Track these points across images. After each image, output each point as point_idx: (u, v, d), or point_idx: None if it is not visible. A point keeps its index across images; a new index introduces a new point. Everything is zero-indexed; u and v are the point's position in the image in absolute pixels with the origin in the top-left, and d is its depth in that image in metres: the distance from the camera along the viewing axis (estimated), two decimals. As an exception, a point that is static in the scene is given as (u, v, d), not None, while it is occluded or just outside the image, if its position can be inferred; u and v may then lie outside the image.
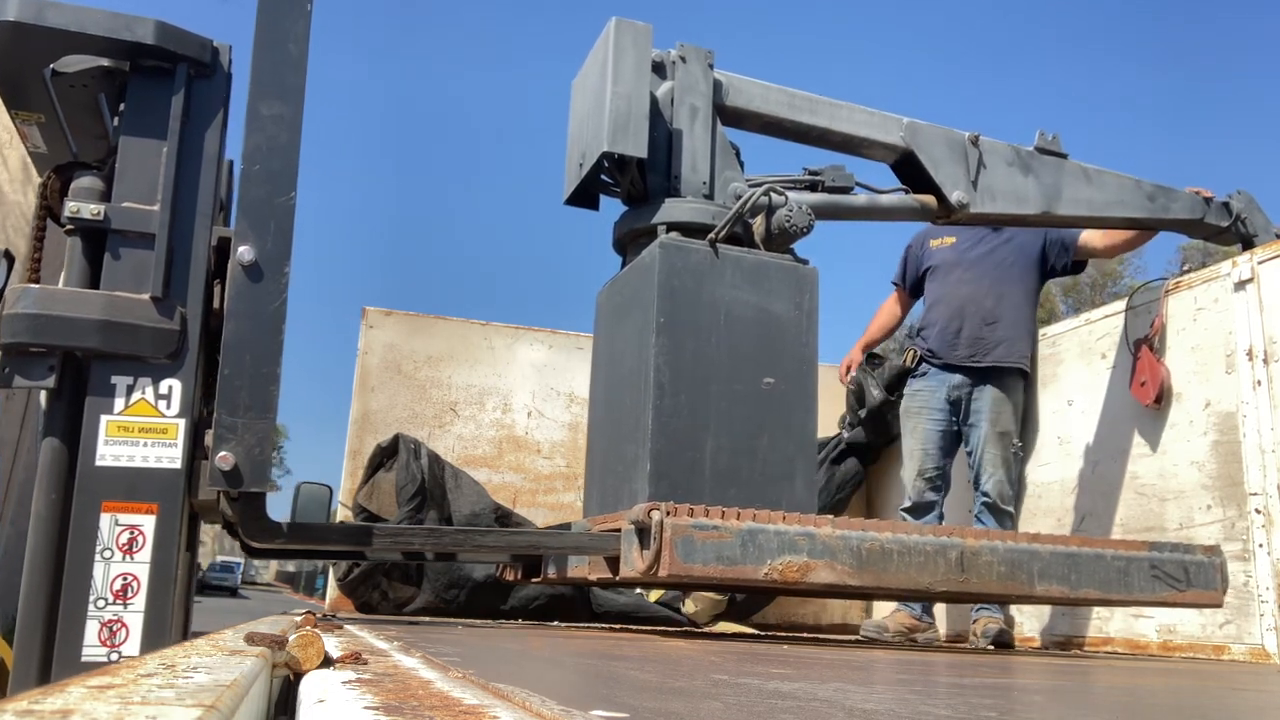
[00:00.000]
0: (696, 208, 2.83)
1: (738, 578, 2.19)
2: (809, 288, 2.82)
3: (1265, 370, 3.15)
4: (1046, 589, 2.51)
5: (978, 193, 3.20)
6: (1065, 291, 27.23)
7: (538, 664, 1.44)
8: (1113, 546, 2.68)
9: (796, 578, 2.21)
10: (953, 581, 2.39)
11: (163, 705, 0.61)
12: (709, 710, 0.89)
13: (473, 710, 0.73)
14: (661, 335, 2.62)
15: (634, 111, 2.73)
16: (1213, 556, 2.77)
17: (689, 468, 2.58)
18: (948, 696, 1.24)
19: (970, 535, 2.48)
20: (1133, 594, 2.65)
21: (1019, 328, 3.97)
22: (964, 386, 3.97)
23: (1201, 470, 3.32)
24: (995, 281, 4.01)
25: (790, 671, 1.49)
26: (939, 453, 4.02)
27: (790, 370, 2.76)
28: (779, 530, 2.23)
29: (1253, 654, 3.04)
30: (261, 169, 2.08)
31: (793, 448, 2.72)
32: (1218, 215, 3.71)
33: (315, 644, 1.05)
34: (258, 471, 2.03)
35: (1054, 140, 3.40)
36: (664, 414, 2.58)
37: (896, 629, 3.92)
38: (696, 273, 2.69)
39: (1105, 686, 1.72)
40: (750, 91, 3.06)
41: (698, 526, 2.14)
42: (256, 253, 2.05)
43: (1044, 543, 2.57)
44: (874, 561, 2.30)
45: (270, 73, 2.11)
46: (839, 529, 2.30)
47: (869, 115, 3.18)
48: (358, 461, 4.33)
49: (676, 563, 2.10)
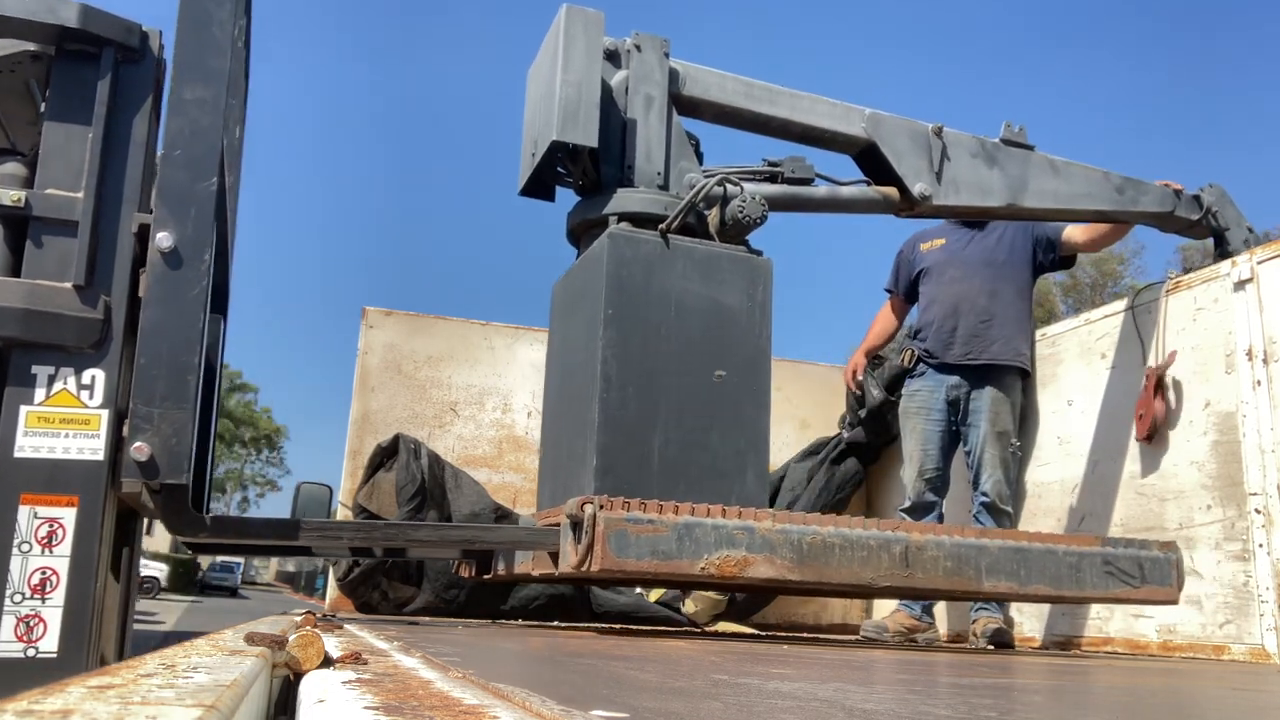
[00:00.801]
0: (648, 198, 2.78)
1: (673, 573, 2.16)
2: (762, 279, 2.78)
3: (1265, 370, 3.15)
4: (994, 585, 2.48)
5: (941, 185, 3.17)
6: (1065, 291, 27.22)
7: (538, 664, 1.44)
8: (1064, 542, 2.66)
9: (734, 572, 2.19)
10: (897, 577, 2.36)
11: (163, 705, 0.61)
12: (709, 710, 0.89)
13: (473, 710, 0.73)
14: (609, 327, 2.58)
15: (584, 100, 2.69)
16: (1169, 553, 2.75)
17: (636, 462, 2.54)
18: (948, 696, 1.24)
19: (916, 530, 2.46)
20: (1085, 590, 2.62)
21: (1015, 325, 3.97)
22: (962, 387, 3.97)
23: (1201, 470, 3.32)
24: (988, 279, 4.01)
25: (790, 671, 1.49)
26: (938, 453, 4.01)
27: (743, 363, 2.71)
28: (717, 524, 2.21)
29: (1253, 654, 3.04)
30: (183, 154, 2.03)
31: (744, 441, 2.67)
32: (1188, 208, 3.69)
33: (315, 644, 1.05)
34: (174, 463, 1.95)
35: (1020, 132, 3.36)
36: (611, 407, 2.54)
37: (896, 629, 3.91)
38: (646, 264, 2.65)
39: (1105, 686, 1.72)
40: (707, 81, 3.02)
41: (632, 520, 2.12)
42: (176, 239, 1.99)
43: (993, 538, 2.55)
44: (816, 556, 2.28)
45: (193, 56, 2.06)
46: (779, 523, 2.27)
47: (830, 106, 3.13)
48: (358, 461, 4.33)
49: (609, 557, 2.07)
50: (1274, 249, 3.26)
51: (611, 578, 2.30)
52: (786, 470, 4.81)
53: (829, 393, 5.09)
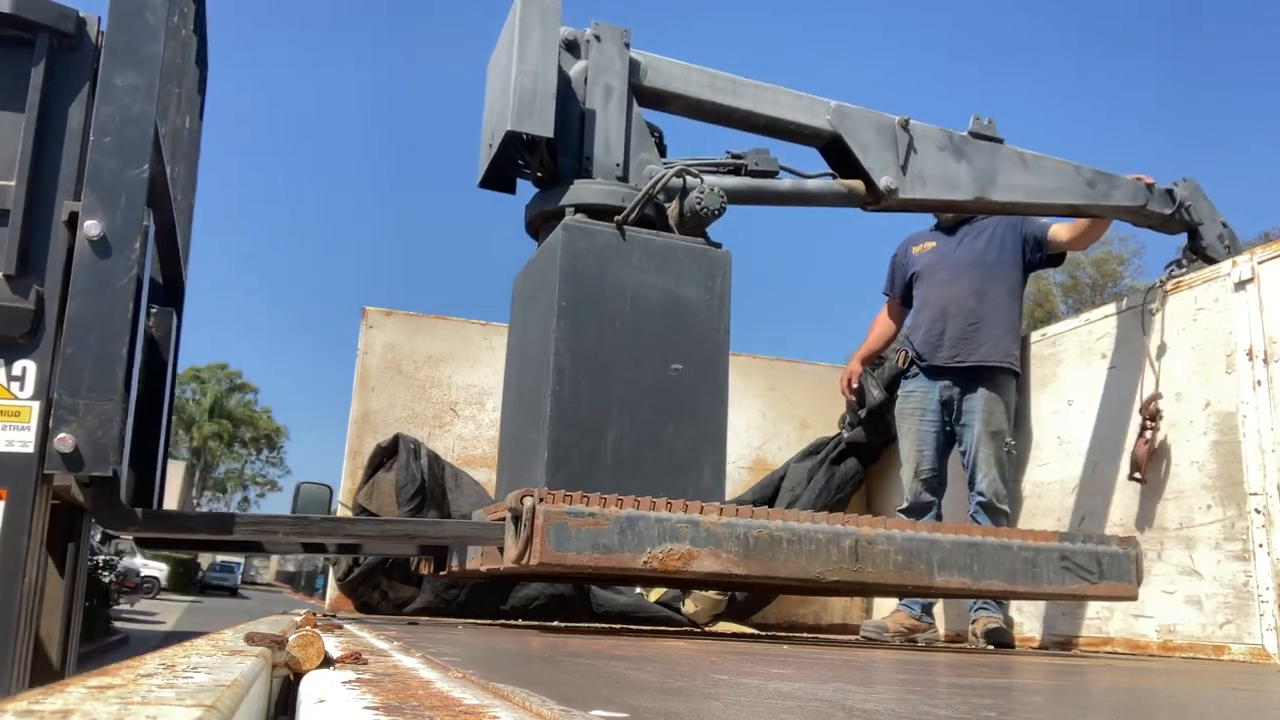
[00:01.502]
0: (605, 189, 2.75)
1: (615, 566, 2.14)
2: (721, 271, 2.74)
3: (1265, 370, 3.14)
4: (946, 580, 2.46)
5: (907, 178, 3.13)
6: (1065, 292, 27.23)
7: (538, 664, 1.44)
8: (1020, 537, 2.63)
9: (678, 566, 2.17)
10: (846, 571, 2.34)
11: (163, 705, 0.61)
12: (709, 710, 0.89)
13: (473, 710, 0.73)
14: (563, 320, 2.55)
15: (540, 90, 2.65)
16: (1128, 548, 2.73)
17: (589, 456, 2.51)
18: (948, 696, 1.24)
19: (866, 524, 2.43)
20: (1041, 586, 2.59)
21: (1003, 326, 3.97)
22: (954, 388, 3.98)
23: (1201, 470, 3.31)
24: (976, 281, 4.01)
25: (790, 671, 1.49)
26: (934, 454, 4.02)
27: (700, 356, 2.68)
28: (660, 518, 2.18)
29: (1253, 654, 3.04)
30: (112, 141, 1.99)
31: (701, 435, 2.64)
32: (1160, 203, 3.67)
33: (315, 644, 1.05)
34: (100, 454, 1.91)
35: (989, 125, 3.32)
36: (563, 401, 2.51)
37: (896, 629, 3.92)
38: (601, 255, 2.62)
39: (1105, 686, 1.72)
40: (670, 72, 2.98)
41: (572, 513, 2.09)
42: (105, 227, 1.95)
43: (946, 532, 2.52)
44: (762, 550, 2.26)
45: (124, 42, 2.02)
46: (725, 516, 2.25)
47: (795, 98, 3.09)
48: (358, 461, 4.33)
49: (548, 550, 2.05)
50: (1274, 249, 3.26)
51: (551, 572, 2.29)
52: (786, 470, 4.81)
53: (829, 393, 5.08)
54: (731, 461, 4.92)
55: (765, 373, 5.15)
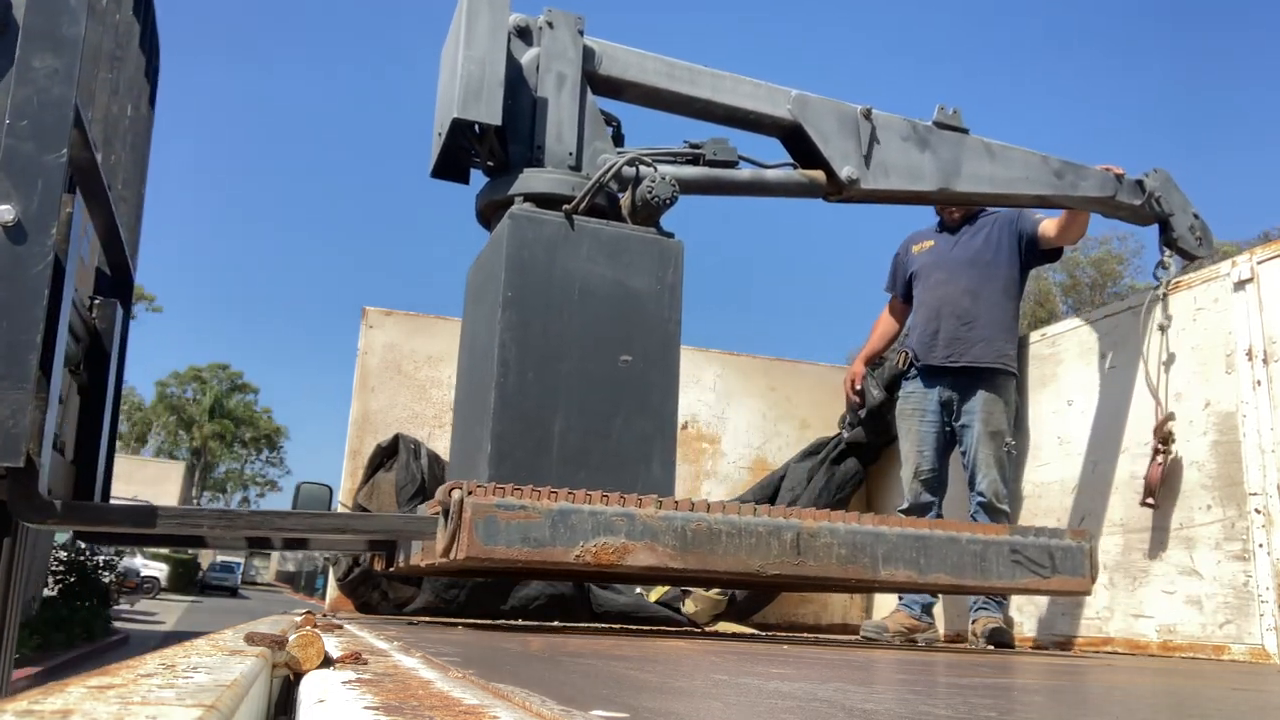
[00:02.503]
0: (555, 178, 2.70)
1: (546, 560, 2.10)
2: (673, 261, 2.70)
3: (1265, 370, 3.14)
4: (892, 573, 2.43)
5: (869, 168, 3.09)
6: (1065, 291, 27.24)
7: (538, 664, 1.44)
8: (969, 530, 2.59)
9: (612, 560, 2.14)
10: (787, 565, 2.31)
11: (163, 705, 0.61)
12: (709, 710, 0.90)
13: (473, 710, 0.73)
14: (508, 310, 2.50)
15: (488, 77, 2.59)
16: (1081, 542, 2.70)
17: (534, 449, 2.46)
18: (948, 696, 1.24)
19: (809, 517, 2.39)
20: (989, 580, 2.56)
21: (997, 326, 3.96)
22: (954, 388, 3.98)
23: (1201, 470, 3.31)
24: (971, 280, 4.01)
25: (790, 671, 1.49)
26: (934, 454, 4.02)
27: (651, 348, 2.63)
28: (594, 511, 2.15)
29: (1253, 654, 3.04)
30: (30, 125, 1.93)
31: (651, 428, 2.60)
32: (1130, 193, 3.64)
33: (315, 644, 1.05)
34: (11, 445, 1.86)
35: (954, 115, 3.28)
36: (508, 392, 2.46)
37: (896, 629, 3.92)
38: (549, 245, 2.57)
39: (1105, 686, 1.71)
40: (625, 60, 2.94)
41: (502, 506, 2.06)
42: (19, 213, 1.91)
43: (891, 525, 2.49)
44: (700, 543, 2.23)
45: (43, 24, 1.97)
46: (662, 509, 2.22)
47: (754, 87, 3.05)
48: (358, 461, 4.33)
49: (476, 544, 2.02)
50: (1274, 249, 3.26)
51: (479, 566, 2.26)
52: (786, 470, 4.81)
53: (829, 393, 5.09)
54: (731, 461, 4.95)
55: (765, 373, 5.15)
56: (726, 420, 5.00)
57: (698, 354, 5.05)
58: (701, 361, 5.03)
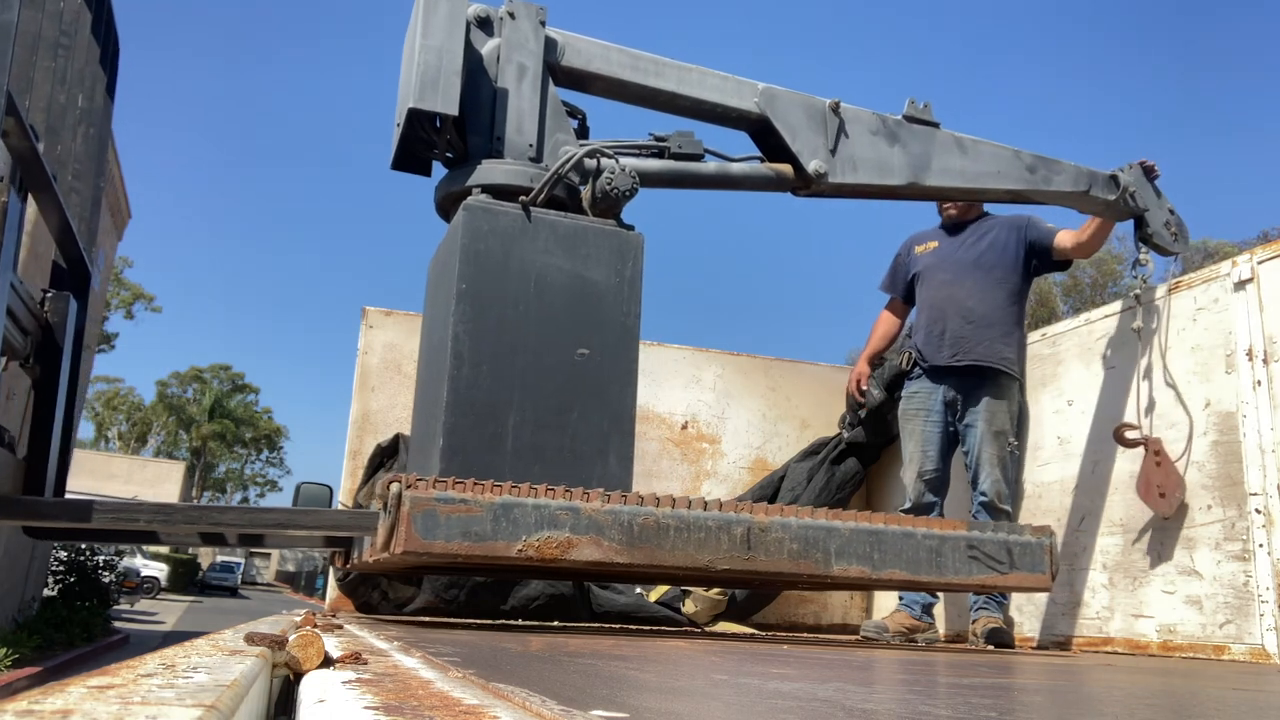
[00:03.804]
0: (513, 169, 2.67)
1: (487, 555, 2.07)
2: (632, 254, 2.67)
3: (1265, 370, 3.14)
4: (844, 569, 2.39)
5: (837, 162, 3.06)
6: (1065, 291, 27.24)
7: (538, 664, 1.44)
8: (925, 525, 2.56)
9: (556, 555, 2.10)
10: (737, 560, 2.28)
11: (163, 705, 0.61)
12: (709, 710, 0.90)
13: (473, 710, 0.73)
14: (462, 303, 2.47)
15: (445, 66, 2.55)
16: (1041, 538, 2.66)
17: (488, 443, 2.42)
18: (948, 696, 1.24)
19: (761, 511, 2.36)
20: (945, 576, 2.53)
21: (1000, 329, 3.97)
22: (958, 388, 3.98)
23: (1201, 470, 3.31)
24: (976, 282, 4.01)
25: (790, 671, 1.48)
26: (937, 454, 4.02)
27: (608, 341, 2.60)
28: (538, 504, 2.11)
29: (1253, 654, 3.04)
30: None
31: (607, 423, 2.56)
32: (1104, 188, 3.62)
33: (315, 644, 1.05)
34: None
35: (925, 109, 3.26)
36: (461, 386, 2.42)
37: (896, 629, 3.92)
38: (505, 237, 2.54)
39: (1105, 686, 1.71)
40: (589, 52, 2.91)
41: (442, 500, 2.03)
42: None
43: (845, 519, 2.45)
44: (647, 538, 2.20)
45: None
46: (609, 503, 2.19)
47: (721, 80, 3.03)
48: (358, 461, 4.33)
49: (414, 538, 1.99)
50: (1274, 249, 3.26)
51: (419, 561, 2.22)
52: (786, 470, 4.81)
53: (829, 393, 5.09)
54: (731, 461, 4.95)
55: (765, 373, 5.15)
56: (726, 420, 5.00)
57: (698, 354, 5.05)
58: (701, 361, 5.03)
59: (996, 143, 3.40)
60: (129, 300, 40.30)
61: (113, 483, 34.33)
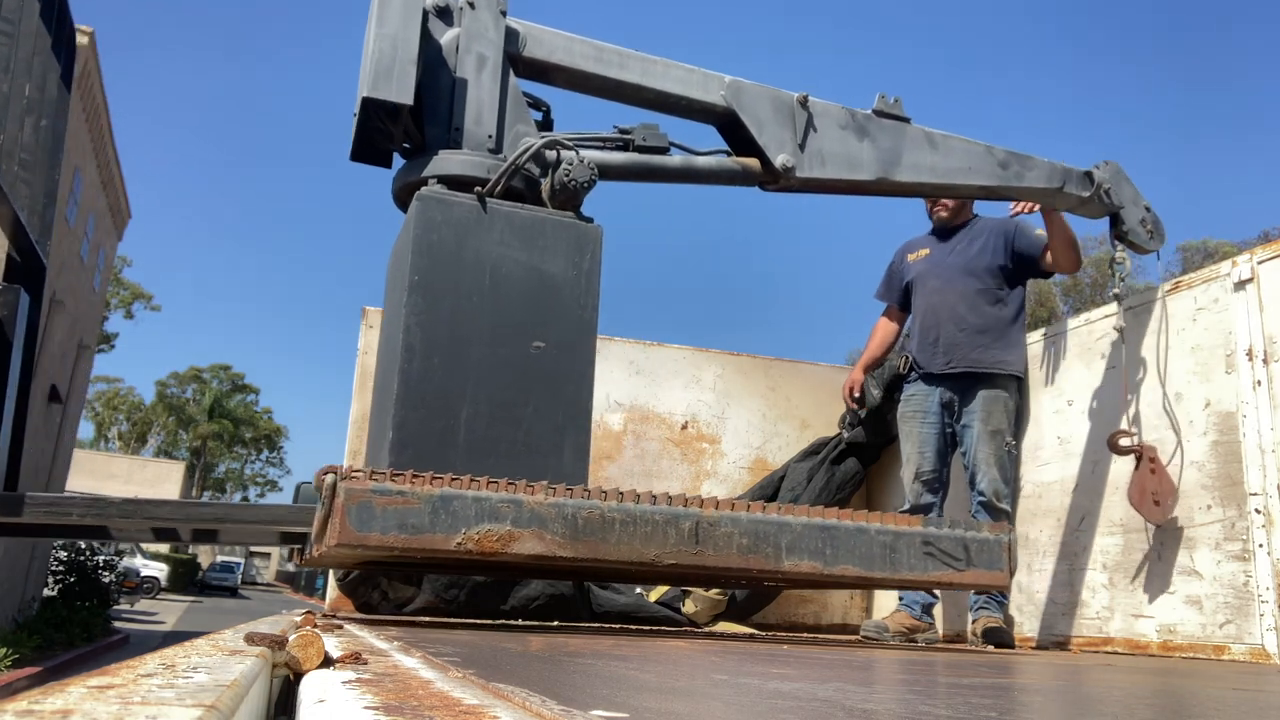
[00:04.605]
0: (470, 160, 2.63)
1: (424, 548, 2.03)
2: (590, 247, 2.63)
3: (1265, 370, 3.14)
4: (796, 564, 2.35)
5: (805, 156, 3.03)
6: (1065, 291, 27.25)
7: (538, 664, 1.44)
8: (879, 520, 2.52)
9: (496, 548, 2.07)
10: (685, 554, 2.24)
11: (163, 705, 0.61)
12: (709, 710, 0.90)
13: (473, 710, 0.73)
14: (414, 294, 2.43)
15: (400, 55, 2.51)
16: (1000, 535, 2.64)
17: (439, 437, 2.39)
18: (948, 696, 1.24)
19: (711, 506, 2.32)
20: (900, 573, 2.49)
21: (995, 333, 3.97)
22: (954, 390, 3.99)
23: (1201, 470, 3.31)
24: (968, 288, 4.02)
25: (790, 671, 1.48)
26: (935, 455, 4.03)
27: (565, 334, 2.57)
28: (479, 497, 2.07)
29: (1253, 654, 3.04)
30: None
31: (563, 417, 2.52)
32: (1079, 185, 3.59)
33: (315, 644, 1.05)
34: None
35: (895, 104, 3.23)
36: (412, 379, 2.39)
37: (896, 629, 3.92)
38: (459, 227, 2.51)
39: (1105, 686, 1.71)
40: (551, 43, 2.87)
41: (378, 491, 1.99)
42: None
43: (798, 514, 2.42)
44: (592, 531, 2.15)
45: None
46: (553, 496, 2.15)
47: (687, 72, 3.00)
48: (358, 461, 4.32)
49: (348, 531, 1.95)
50: (1274, 249, 3.26)
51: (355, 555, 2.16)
52: (787, 470, 4.81)
53: (829, 393, 5.09)
54: (731, 461, 4.95)
55: (765, 373, 5.15)
56: (726, 420, 5.00)
57: (698, 354, 5.05)
58: (701, 361, 5.03)
59: (968, 138, 3.38)
60: (129, 300, 40.32)
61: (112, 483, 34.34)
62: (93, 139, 15.86)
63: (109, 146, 17.06)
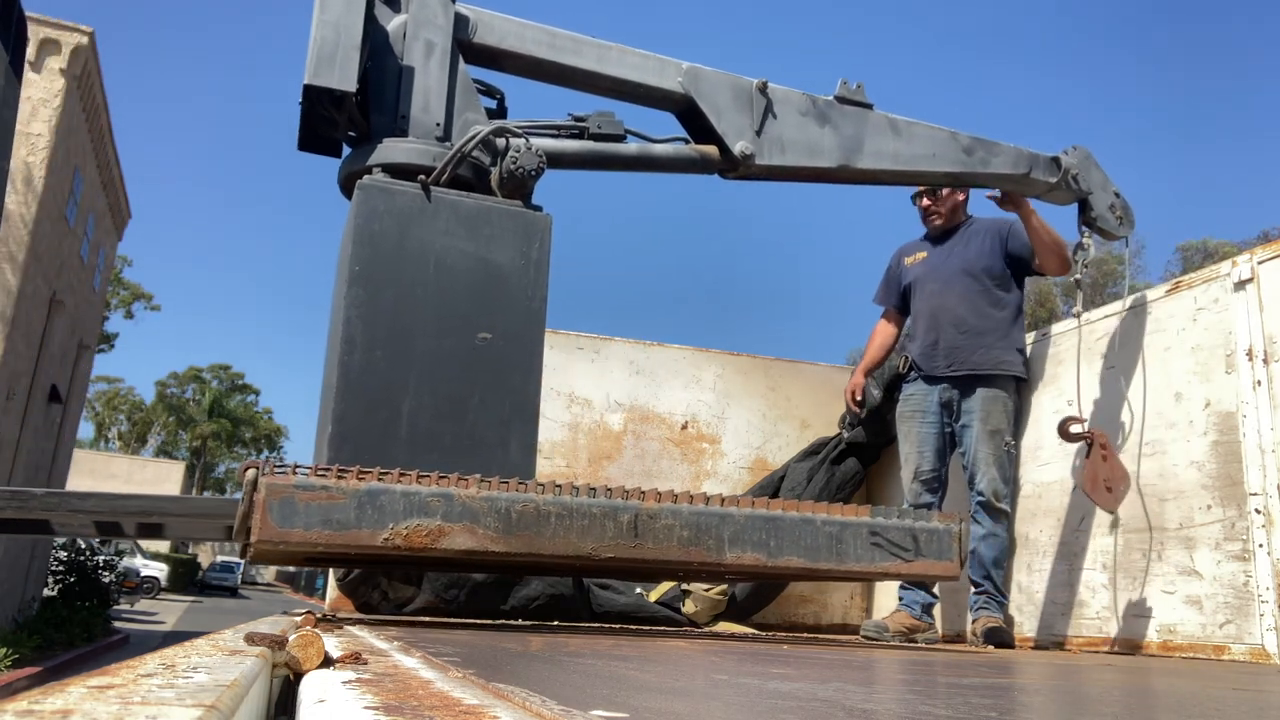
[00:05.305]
0: (415, 148, 2.58)
1: (350, 544, 1.98)
2: (539, 236, 2.58)
3: (1265, 370, 3.14)
4: (738, 557, 2.31)
5: (764, 144, 2.99)
6: (1065, 292, 27.23)
7: (538, 664, 1.44)
8: (825, 511, 2.48)
9: (426, 543, 2.02)
10: (623, 548, 2.19)
11: (163, 705, 0.61)
12: (709, 710, 0.90)
13: (473, 710, 0.73)
14: (355, 285, 2.39)
15: (343, 42, 2.47)
16: (950, 524, 2.60)
17: (380, 431, 2.35)
18: (948, 696, 1.24)
19: (652, 498, 2.28)
20: (846, 564, 2.43)
21: (994, 334, 3.97)
22: (953, 390, 4.01)
23: (1201, 470, 3.31)
24: (966, 289, 4.03)
25: (790, 671, 1.48)
26: (934, 455, 4.04)
27: (512, 325, 2.51)
28: (407, 491, 2.02)
29: (1253, 654, 3.03)
30: None
31: (509, 409, 2.48)
32: (1046, 170, 3.55)
33: (315, 644, 1.05)
34: None
35: (858, 89, 3.19)
36: (352, 371, 2.35)
37: (896, 629, 3.92)
38: (402, 217, 2.46)
39: (1105, 686, 1.71)
40: (503, 29, 2.83)
41: (301, 487, 1.94)
42: None
43: (741, 505, 2.37)
44: (526, 525, 2.11)
45: None
46: (486, 489, 2.10)
47: (643, 59, 2.95)
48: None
49: (270, 527, 1.91)
50: (1274, 249, 3.26)
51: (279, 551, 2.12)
52: (787, 470, 4.81)
53: (829, 393, 5.09)
54: (731, 461, 4.95)
55: (765, 373, 5.15)
56: (726, 420, 5.00)
57: (698, 354, 5.05)
58: (701, 361, 5.03)
59: (933, 124, 3.34)
60: (129, 300, 40.32)
61: (112, 483, 34.34)
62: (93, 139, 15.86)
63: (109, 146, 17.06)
